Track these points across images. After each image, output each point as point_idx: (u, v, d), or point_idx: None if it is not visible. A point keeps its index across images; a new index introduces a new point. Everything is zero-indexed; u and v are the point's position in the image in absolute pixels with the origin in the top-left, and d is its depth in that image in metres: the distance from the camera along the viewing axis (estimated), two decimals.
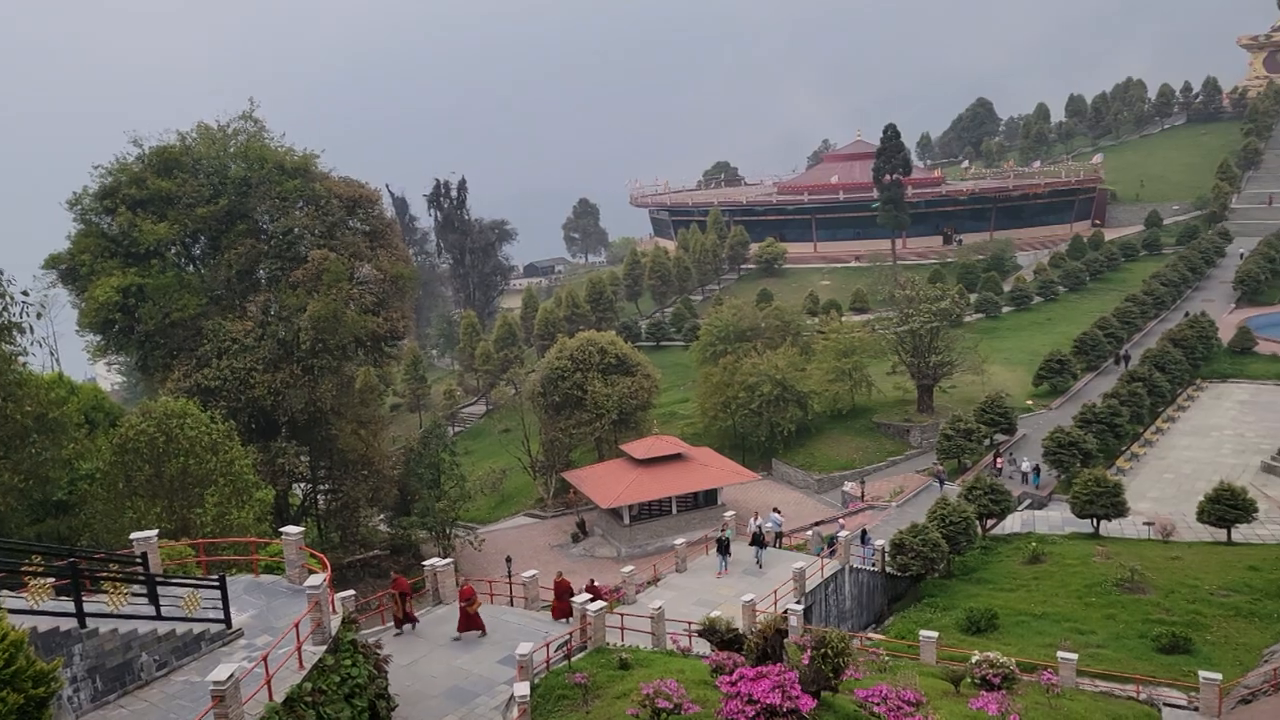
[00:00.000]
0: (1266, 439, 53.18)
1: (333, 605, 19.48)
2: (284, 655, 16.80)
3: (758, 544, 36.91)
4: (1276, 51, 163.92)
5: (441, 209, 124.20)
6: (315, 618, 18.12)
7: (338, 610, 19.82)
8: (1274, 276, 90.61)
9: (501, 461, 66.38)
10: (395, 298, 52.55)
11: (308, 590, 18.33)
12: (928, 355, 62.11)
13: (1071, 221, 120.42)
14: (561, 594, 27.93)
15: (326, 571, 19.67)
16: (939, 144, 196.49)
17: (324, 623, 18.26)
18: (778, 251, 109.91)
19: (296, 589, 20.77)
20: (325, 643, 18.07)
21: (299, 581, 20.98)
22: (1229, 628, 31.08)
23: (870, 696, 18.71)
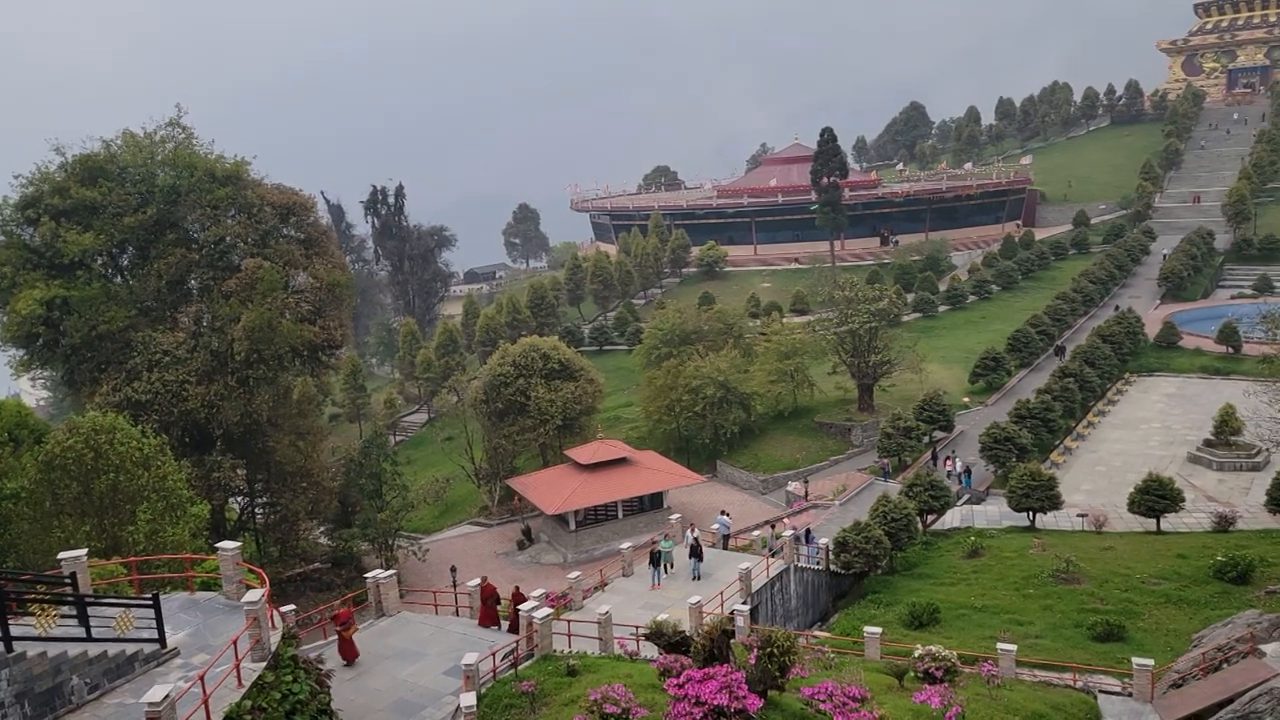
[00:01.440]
0: (1192, 430, 54.95)
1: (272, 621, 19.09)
2: (222, 673, 16.41)
3: (695, 555, 36.31)
4: (1194, 55, 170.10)
5: (379, 215, 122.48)
6: (254, 634, 17.72)
7: (277, 626, 19.42)
8: (1196, 273, 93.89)
9: (445, 470, 65.66)
10: (332, 306, 51.66)
11: (246, 606, 17.92)
12: (867, 355, 63.01)
13: (1003, 222, 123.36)
14: (487, 599, 27.71)
15: (265, 586, 19.26)
16: (874, 147, 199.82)
17: (263, 639, 17.87)
18: (719, 254, 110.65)
19: (234, 605, 20.27)
20: (265, 659, 17.68)
21: (237, 598, 20.48)
22: (1160, 615, 32.06)
23: (816, 694, 18.87)
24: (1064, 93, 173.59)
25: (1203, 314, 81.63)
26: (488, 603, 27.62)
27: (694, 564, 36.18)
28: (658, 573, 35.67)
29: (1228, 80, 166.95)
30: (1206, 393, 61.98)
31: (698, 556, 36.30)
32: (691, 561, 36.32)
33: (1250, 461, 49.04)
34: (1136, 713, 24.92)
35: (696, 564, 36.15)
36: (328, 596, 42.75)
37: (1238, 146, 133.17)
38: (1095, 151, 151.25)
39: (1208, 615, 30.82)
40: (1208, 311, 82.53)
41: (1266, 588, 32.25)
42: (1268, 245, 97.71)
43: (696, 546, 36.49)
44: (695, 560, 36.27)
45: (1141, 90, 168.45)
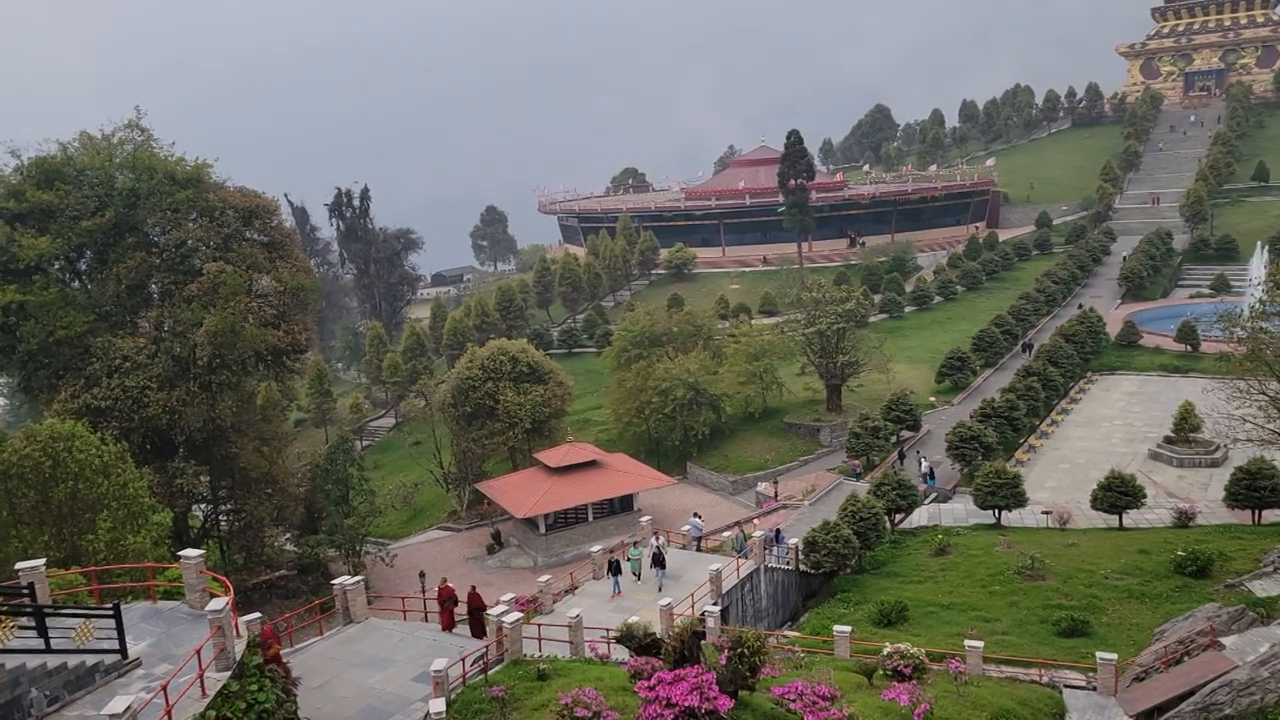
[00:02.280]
0: (1153, 427, 55.82)
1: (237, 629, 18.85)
2: (185, 684, 16.15)
3: (658, 564, 35.83)
4: (1152, 59, 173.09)
5: (344, 218, 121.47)
6: (218, 643, 17.47)
7: (242, 634, 19.17)
8: (1155, 273, 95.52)
9: (412, 475, 65.16)
10: (297, 310, 51.09)
11: (209, 615, 17.66)
12: (835, 356, 63.41)
13: (967, 223, 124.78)
14: (445, 602, 27.52)
15: (229, 594, 19.00)
16: (840, 149, 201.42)
17: (228, 648, 17.62)
18: (687, 256, 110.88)
19: (198, 614, 19.95)
20: (229, 668, 17.42)
21: (200, 606, 20.17)
22: (1123, 609, 32.51)
23: (786, 693, 18.92)
24: (1026, 95, 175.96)
25: (1162, 313, 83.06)
26: (445, 605, 27.41)
27: (657, 572, 35.71)
28: (618, 582, 35.12)
29: (1185, 83, 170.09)
30: (1166, 390, 63.03)
31: (660, 565, 35.80)
32: (655, 570, 35.87)
33: (1209, 458, 49.92)
34: (1101, 706, 25.25)
35: (660, 572, 35.70)
36: (294, 604, 42.26)
37: (1195, 148, 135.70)
38: (1057, 153, 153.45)
39: (1169, 609, 31.29)
40: (1167, 311, 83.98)
41: (1225, 581, 32.82)
42: (1224, 245, 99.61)
43: (659, 555, 35.93)
44: (658, 569, 35.76)
45: (1101, 93, 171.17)
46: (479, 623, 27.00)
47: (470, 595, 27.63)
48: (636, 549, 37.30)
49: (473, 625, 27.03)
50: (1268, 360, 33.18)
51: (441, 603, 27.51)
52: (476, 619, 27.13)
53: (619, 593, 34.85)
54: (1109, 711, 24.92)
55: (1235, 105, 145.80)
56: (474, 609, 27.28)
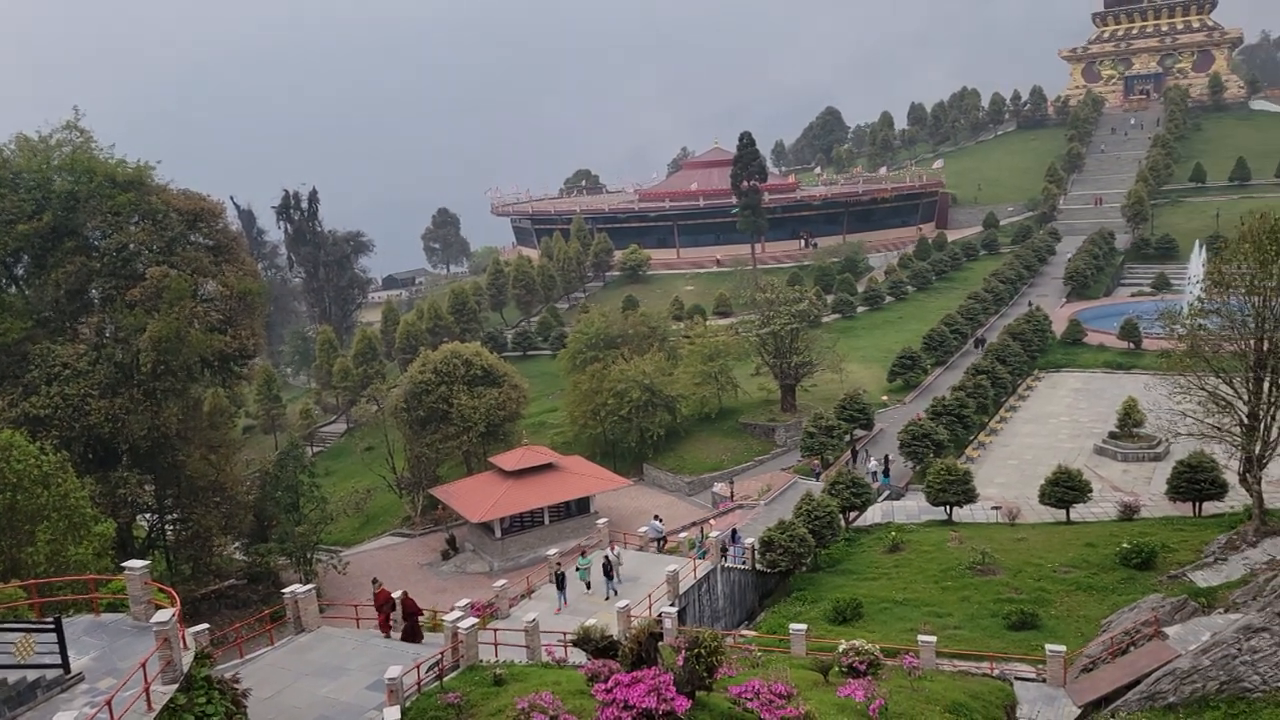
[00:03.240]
0: (1098, 423, 57.01)
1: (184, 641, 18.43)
2: (130, 698, 15.75)
3: (607, 575, 35.00)
4: (1093, 63, 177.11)
5: (292, 221, 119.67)
6: (164, 655, 17.06)
7: (189, 646, 18.75)
8: (1099, 273, 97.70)
9: (365, 481, 64.36)
10: (244, 315, 50.19)
11: (155, 627, 17.23)
12: (789, 356, 63.87)
13: (917, 224, 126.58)
14: (381, 606, 27.13)
15: (175, 606, 18.58)
16: (792, 151, 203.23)
17: (174, 660, 17.21)
18: (641, 258, 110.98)
19: (143, 626, 19.46)
20: (176, 681, 17.03)
21: (145, 618, 19.67)
22: (1071, 602, 33.14)
23: (743, 692, 18.98)
24: (972, 98, 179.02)
25: (1106, 311, 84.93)
26: (382, 609, 27.03)
27: (606, 583, 34.91)
28: (563, 595, 34.13)
29: (1125, 87, 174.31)
30: (1110, 387, 64.39)
31: (609, 576, 34.95)
32: (604, 581, 35.02)
33: (1152, 452, 51.12)
34: (1050, 698, 25.71)
35: (608, 583, 34.87)
36: (244, 614, 41.46)
37: (1135, 150, 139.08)
38: (1003, 155, 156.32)
39: (1115, 601, 31.98)
40: (1110, 309, 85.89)
41: (1169, 572, 33.62)
42: (1164, 245, 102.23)
43: (608, 566, 35.07)
44: (607, 580, 34.91)
45: (1045, 96, 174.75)
46: (413, 627, 26.72)
47: (404, 600, 27.21)
48: (585, 559, 36.37)
49: (406, 629, 26.72)
50: (1206, 356, 34.01)
51: (378, 607, 27.14)
52: (411, 624, 26.82)
53: (565, 604, 33.89)
54: (1058, 702, 25.39)
55: (1173, 108, 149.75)
56: (408, 613, 26.94)
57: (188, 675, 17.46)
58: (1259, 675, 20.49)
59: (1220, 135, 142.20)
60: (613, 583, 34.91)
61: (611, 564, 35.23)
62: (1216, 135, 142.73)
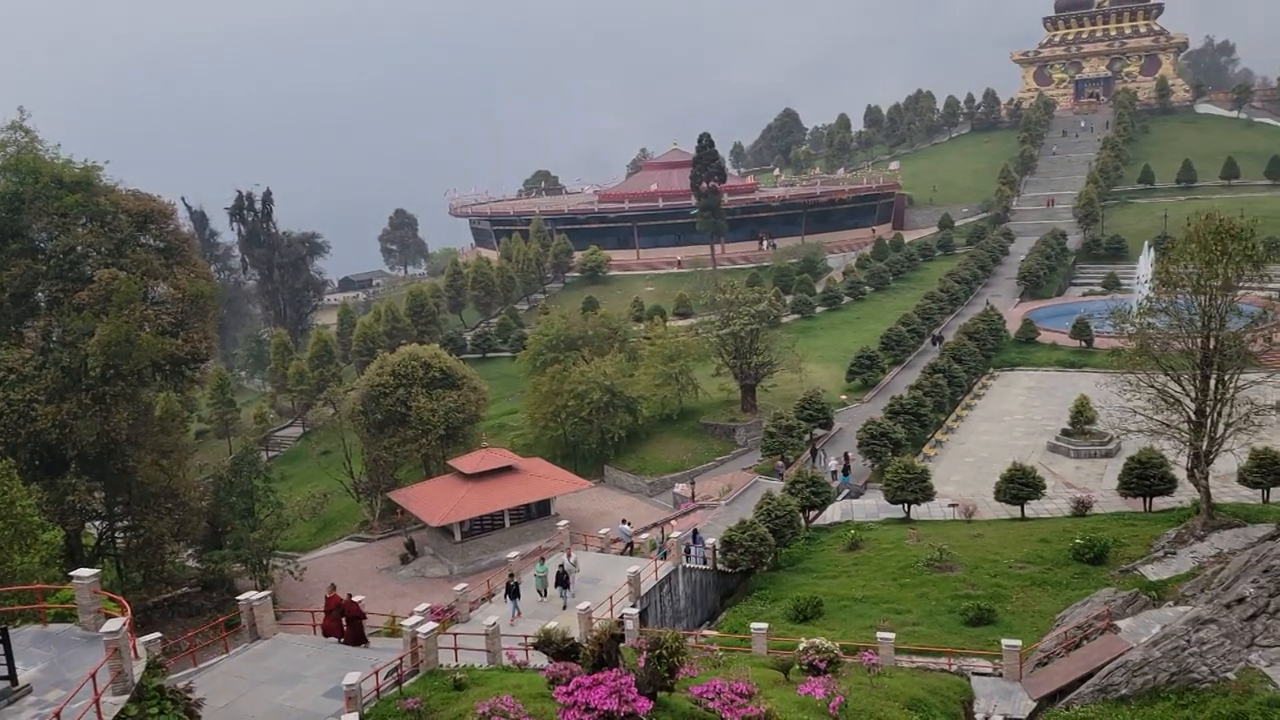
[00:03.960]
0: (1051, 421, 57.93)
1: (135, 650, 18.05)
2: (80, 709, 15.38)
3: (562, 584, 34.18)
4: (1045, 66, 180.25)
5: (245, 222, 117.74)
6: (115, 666, 16.69)
7: (140, 656, 18.38)
8: (1051, 272, 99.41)
9: (322, 485, 63.54)
10: (196, 317, 49.31)
11: (105, 637, 16.85)
12: (749, 356, 64.16)
13: (874, 225, 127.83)
14: (331, 610, 26.72)
15: (126, 615, 18.18)
16: (751, 152, 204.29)
17: (125, 670, 16.85)
18: (601, 259, 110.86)
19: (92, 636, 19.02)
20: (127, 692, 16.66)
21: (95, 628, 19.23)
22: (1026, 597, 33.64)
23: (705, 692, 18.99)
24: (927, 101, 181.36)
25: (1058, 310, 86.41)
26: (332, 614, 26.64)
27: (562, 593, 34.11)
28: (516, 606, 33.09)
29: (1075, 90, 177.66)
30: (1063, 385, 65.43)
31: (564, 585, 34.18)
32: (558, 590, 34.29)
33: (1104, 449, 52.10)
34: (1007, 692, 26.07)
35: (564, 592, 34.08)
36: (198, 622, 40.71)
37: (1086, 152, 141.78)
38: (957, 157, 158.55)
39: (1069, 595, 32.51)
40: (1062, 308, 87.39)
41: (1120, 567, 34.28)
42: (1114, 245, 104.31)
43: (563, 574, 34.39)
44: (562, 589, 34.13)
45: (998, 99, 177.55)
46: (357, 630, 26.39)
47: (347, 603, 26.81)
48: (542, 565, 35.65)
49: (349, 633, 26.38)
50: (1155, 355, 34.72)
51: (328, 611, 26.77)
52: (354, 627, 26.46)
53: (519, 615, 32.88)
54: (1014, 696, 25.75)
55: (1122, 111, 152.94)
56: (351, 617, 26.58)
57: (139, 685, 17.12)
58: (1207, 666, 20.94)
59: (1167, 138, 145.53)
60: (568, 591, 34.21)
61: (567, 572, 34.66)
62: (1164, 138, 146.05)
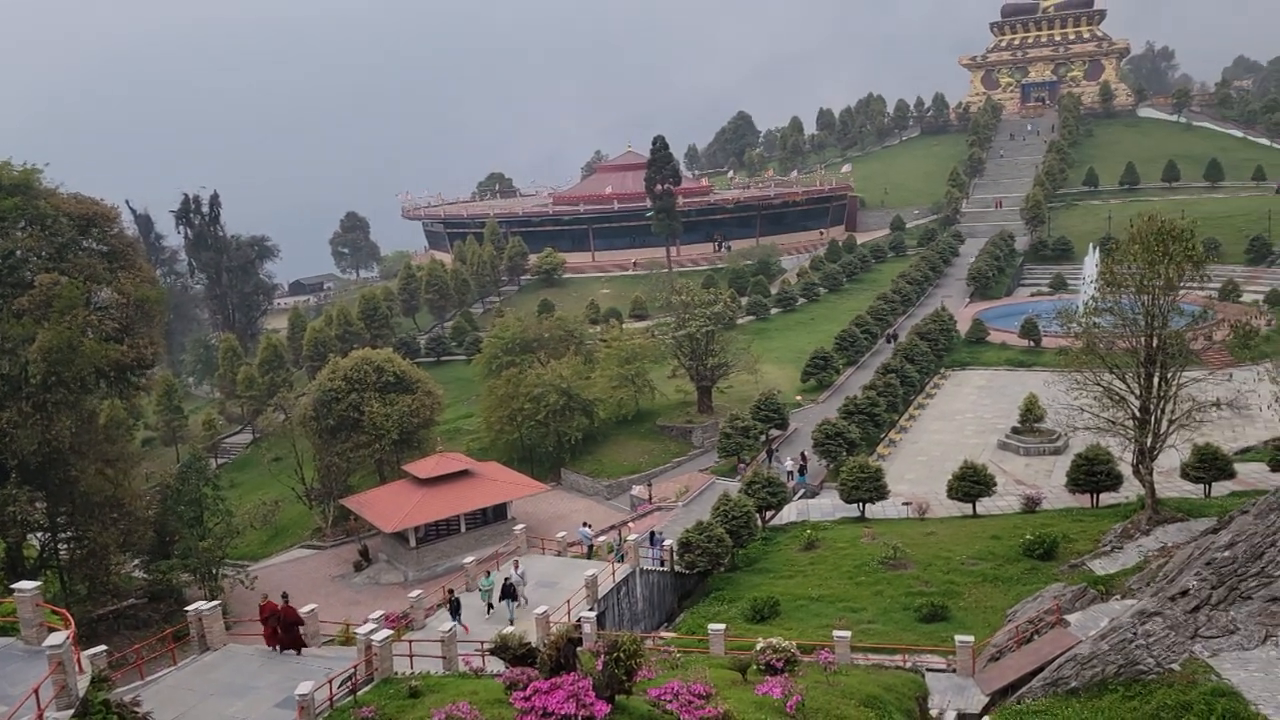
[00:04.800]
0: (1001, 419, 58.92)
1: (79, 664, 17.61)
2: None
3: (509, 596, 33.16)
4: (992, 71, 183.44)
5: (192, 226, 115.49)
6: (58, 680, 16.28)
7: (85, 670, 17.92)
8: (1000, 273, 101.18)
9: (273, 492, 62.43)
10: (141, 323, 48.17)
11: (48, 651, 16.43)
12: (705, 358, 64.38)
13: (827, 227, 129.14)
14: (267, 619, 26.18)
15: (70, 628, 17.74)
16: (705, 155, 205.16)
17: (69, 685, 16.45)
18: (556, 262, 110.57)
19: (35, 650, 18.53)
20: (72, 707, 16.28)
21: (37, 642, 18.72)
22: (978, 593, 34.14)
23: (663, 694, 18.98)
24: (878, 105, 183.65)
25: (1007, 311, 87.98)
26: (269, 622, 26.12)
27: (508, 605, 33.02)
28: (459, 622, 30.66)
29: (1022, 94, 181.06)
30: (1013, 384, 66.60)
31: (511, 597, 33.17)
32: (505, 602, 33.19)
33: (1052, 446, 53.11)
34: (960, 687, 26.41)
35: (510, 604, 33.00)
36: (145, 634, 39.78)
37: (1032, 155, 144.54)
38: (908, 160, 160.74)
39: (1020, 591, 33.04)
40: (1011, 308, 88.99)
41: (1069, 562, 34.91)
42: (1061, 246, 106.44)
43: (510, 587, 33.34)
44: (508, 601, 33.08)
45: (947, 103, 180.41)
46: (293, 636, 25.97)
47: (283, 609, 26.32)
48: (488, 578, 34.52)
49: (285, 639, 25.95)
50: (1100, 353, 35.44)
51: (264, 620, 26.26)
52: (290, 632, 26.01)
53: (465, 629, 30.94)
54: (968, 691, 26.09)
55: (1067, 115, 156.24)
56: (287, 622, 26.12)
57: (84, 700, 16.74)
58: (1153, 658, 21.39)
59: (1110, 141, 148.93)
60: (514, 603, 33.23)
61: (514, 585, 33.72)
62: (1107, 141, 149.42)
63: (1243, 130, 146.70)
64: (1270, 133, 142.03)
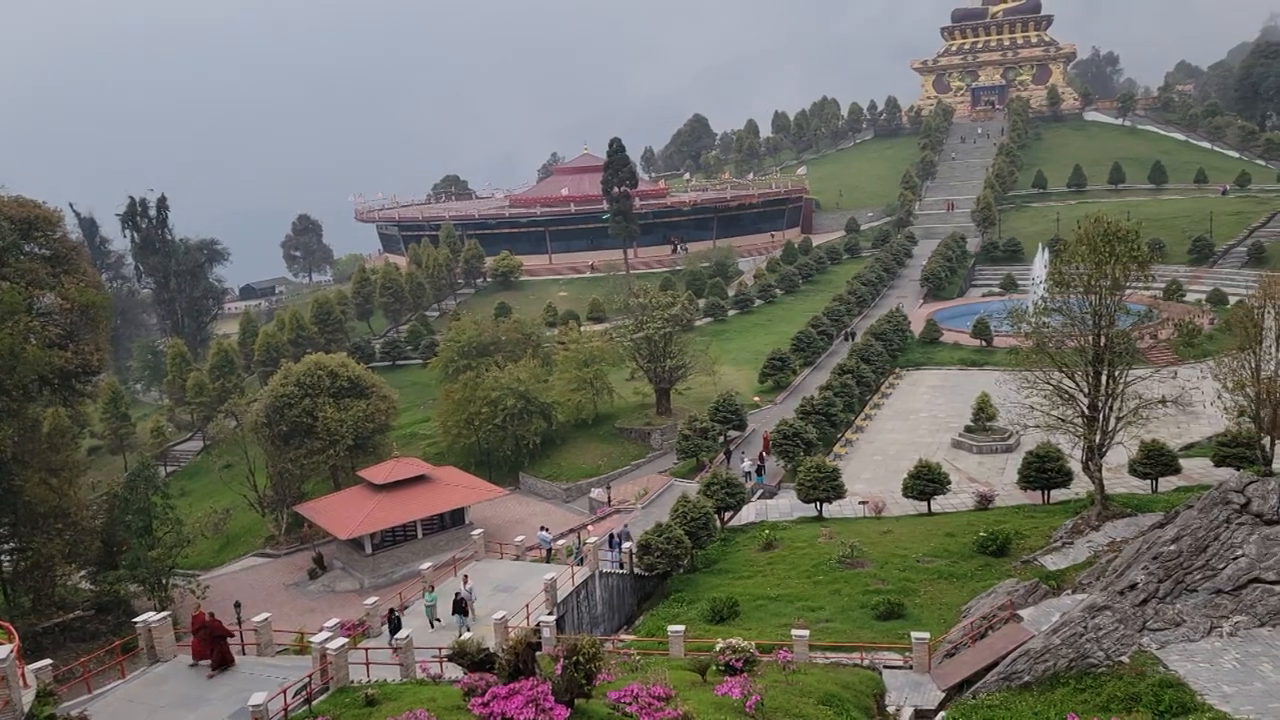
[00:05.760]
0: (954, 418, 59.72)
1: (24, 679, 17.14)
2: None
3: (460, 611, 32.18)
4: (943, 74, 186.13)
5: (139, 230, 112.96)
6: (2, 695, 15.84)
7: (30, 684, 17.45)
8: (952, 274, 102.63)
9: (224, 500, 61.37)
10: (86, 328, 47.16)
11: None
12: (663, 360, 64.44)
13: (783, 229, 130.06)
14: (198, 630, 25.33)
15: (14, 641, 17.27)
16: (662, 157, 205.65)
17: (13, 700, 16.01)
18: (513, 264, 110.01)
19: None
20: None
21: None
22: (934, 590, 34.56)
23: (622, 697, 18.94)
24: (832, 108, 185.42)
25: (959, 311, 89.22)
26: (199, 634, 25.32)
27: (460, 621, 31.84)
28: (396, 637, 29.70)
29: (972, 98, 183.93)
30: (965, 383, 67.52)
31: (462, 612, 32.10)
32: (455, 618, 32.13)
33: (1004, 444, 53.98)
34: (916, 684, 26.70)
35: (462, 621, 31.79)
36: (92, 646, 38.80)
37: (983, 158, 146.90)
38: (862, 162, 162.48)
39: (974, 587, 33.52)
40: (964, 309, 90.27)
41: (1021, 558, 35.50)
42: (1011, 247, 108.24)
43: (460, 602, 32.31)
44: (460, 617, 31.99)
45: (900, 106, 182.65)
46: (221, 652, 25.09)
47: (211, 621, 25.46)
48: (431, 594, 33.37)
49: (214, 654, 25.06)
50: (1050, 352, 36.10)
51: (195, 632, 25.41)
52: (219, 648, 25.08)
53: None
54: (924, 688, 26.39)
55: (1016, 118, 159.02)
56: (215, 635, 25.16)
57: (29, 715, 16.39)
58: (1103, 651, 21.80)
59: (1059, 144, 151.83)
60: (467, 619, 31.99)
61: (466, 600, 32.69)
62: (1055, 144, 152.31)
63: (1185, 134, 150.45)
64: (1211, 136, 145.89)
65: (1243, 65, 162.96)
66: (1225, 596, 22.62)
